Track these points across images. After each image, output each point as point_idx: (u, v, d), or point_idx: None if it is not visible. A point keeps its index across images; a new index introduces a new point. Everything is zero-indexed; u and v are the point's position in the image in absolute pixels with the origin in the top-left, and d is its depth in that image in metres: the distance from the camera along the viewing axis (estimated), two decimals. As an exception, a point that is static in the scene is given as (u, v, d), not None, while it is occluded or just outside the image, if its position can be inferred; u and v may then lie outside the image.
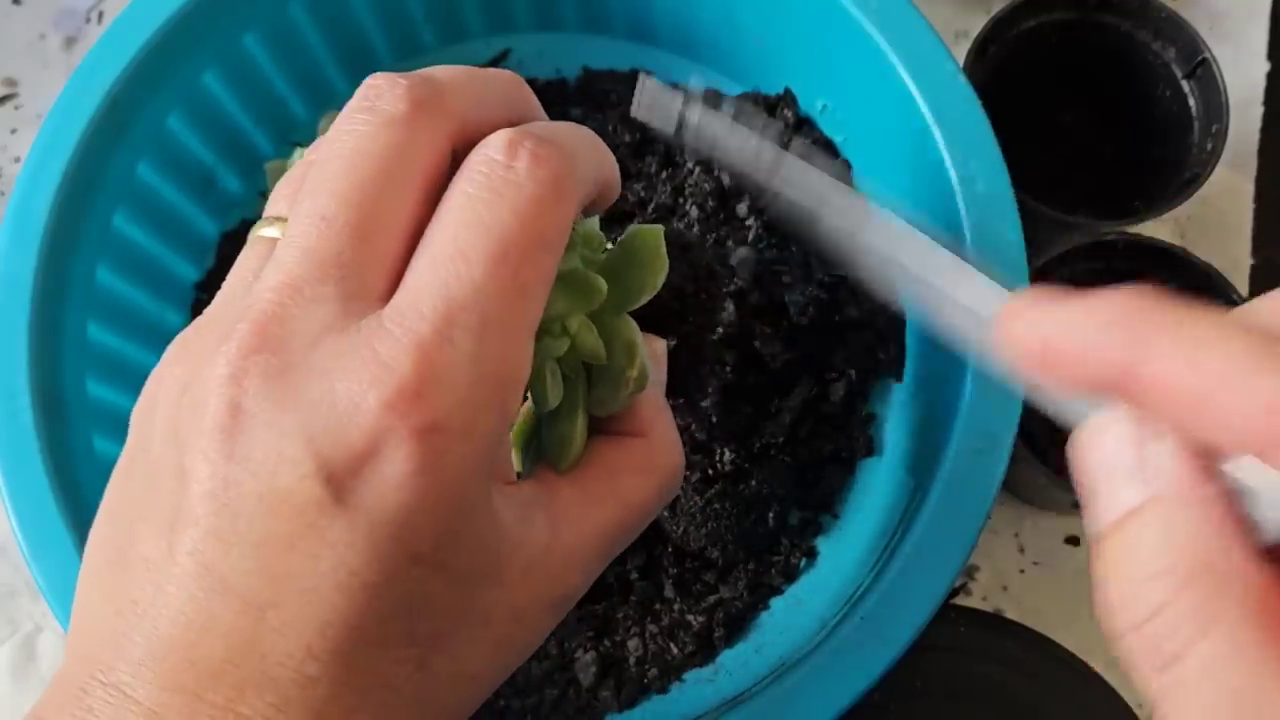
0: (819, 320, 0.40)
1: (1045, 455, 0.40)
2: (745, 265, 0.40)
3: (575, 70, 0.49)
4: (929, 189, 0.38)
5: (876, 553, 0.37)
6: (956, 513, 0.34)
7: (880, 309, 0.42)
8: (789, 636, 0.39)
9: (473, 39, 0.49)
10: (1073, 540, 0.46)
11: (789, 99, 0.45)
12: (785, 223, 0.27)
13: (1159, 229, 0.49)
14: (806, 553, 0.41)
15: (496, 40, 0.49)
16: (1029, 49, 0.46)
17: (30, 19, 0.56)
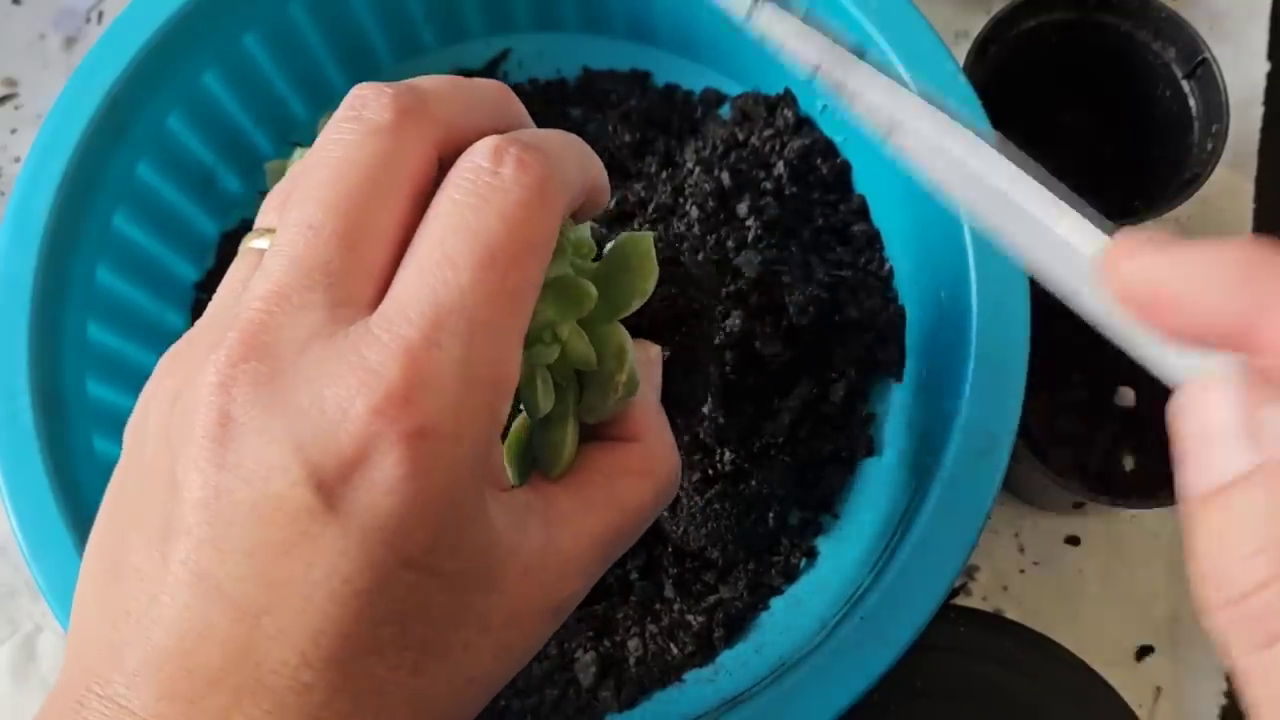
0: (819, 320, 0.40)
1: (1045, 455, 0.40)
2: (748, 266, 0.40)
3: (575, 70, 0.49)
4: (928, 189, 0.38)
5: (876, 553, 0.37)
6: (956, 513, 0.34)
7: (880, 309, 0.42)
8: (789, 636, 0.39)
9: (473, 39, 0.49)
10: (1073, 540, 0.46)
11: (789, 99, 0.45)
12: (865, 124, 0.25)
13: (1159, 229, 0.49)
14: (806, 553, 0.41)
15: (496, 40, 0.49)
16: (1029, 49, 0.46)
17: (30, 19, 0.56)
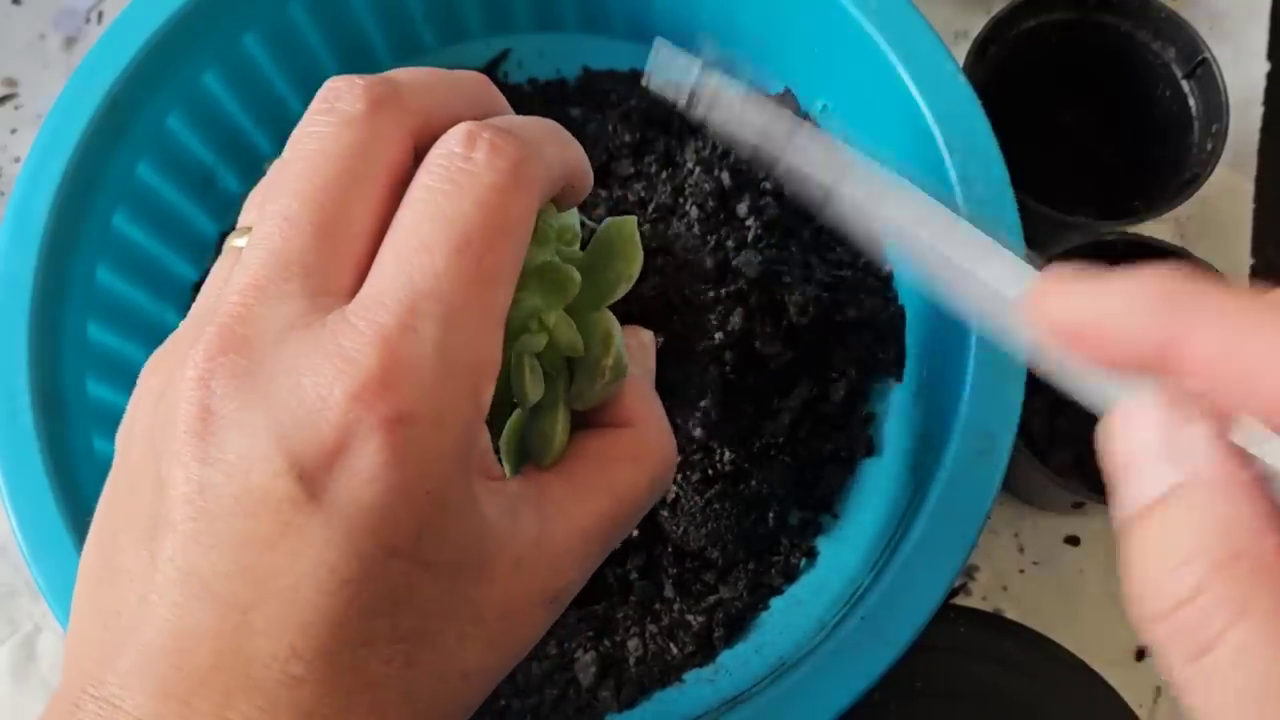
0: (819, 320, 0.40)
1: (1045, 455, 0.40)
2: (748, 266, 0.40)
3: (575, 70, 0.49)
4: (928, 190, 0.38)
5: (876, 553, 0.37)
6: (956, 513, 0.34)
7: (880, 309, 0.42)
8: (789, 636, 0.39)
9: (473, 39, 0.49)
10: (1073, 540, 0.46)
11: (789, 99, 0.45)
12: (798, 198, 0.26)
13: (1159, 229, 0.49)
14: (806, 553, 0.40)
15: (496, 40, 0.49)
16: (1029, 49, 0.46)
17: (30, 19, 0.56)
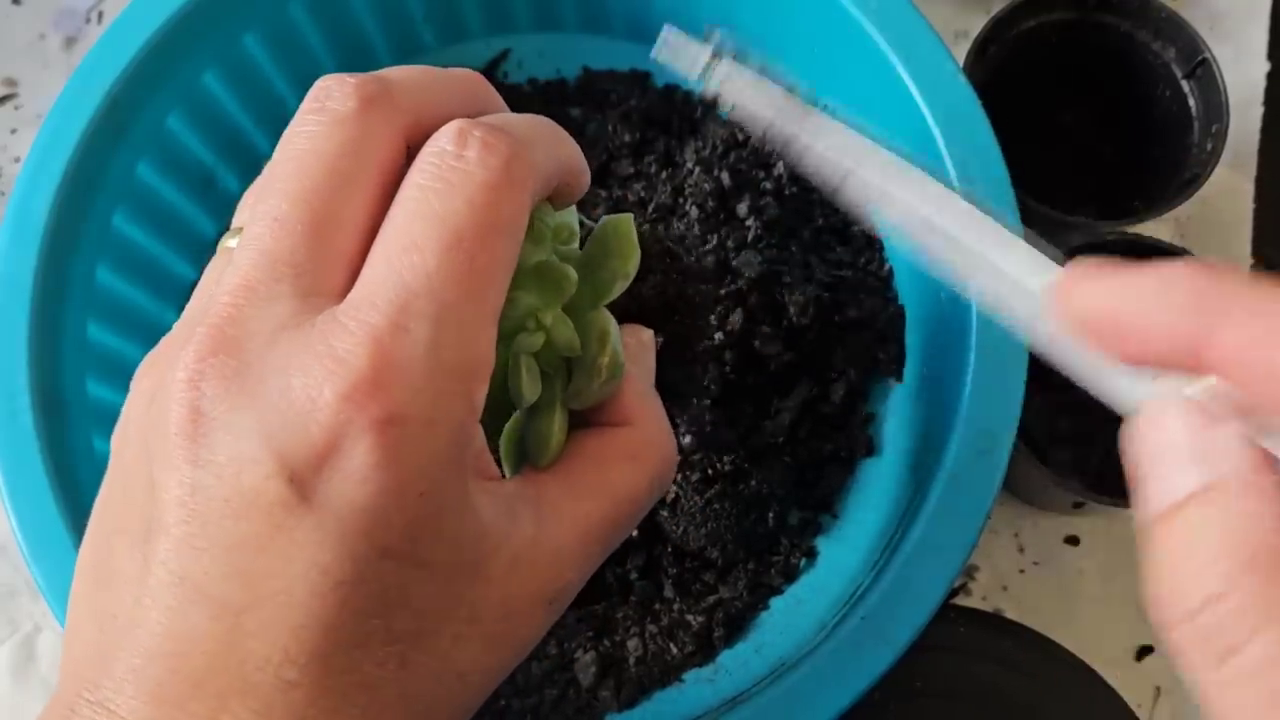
0: (819, 320, 0.40)
1: (1045, 455, 0.40)
2: (748, 267, 0.40)
3: (575, 70, 0.49)
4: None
5: (876, 553, 0.37)
6: (956, 513, 0.34)
7: (880, 309, 0.42)
8: (789, 636, 0.39)
9: (473, 39, 0.49)
10: (1073, 540, 0.46)
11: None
12: (811, 183, 0.26)
13: (1159, 229, 0.49)
14: (806, 553, 0.40)
15: (496, 40, 0.49)
16: (1029, 49, 0.46)
17: (30, 19, 0.56)
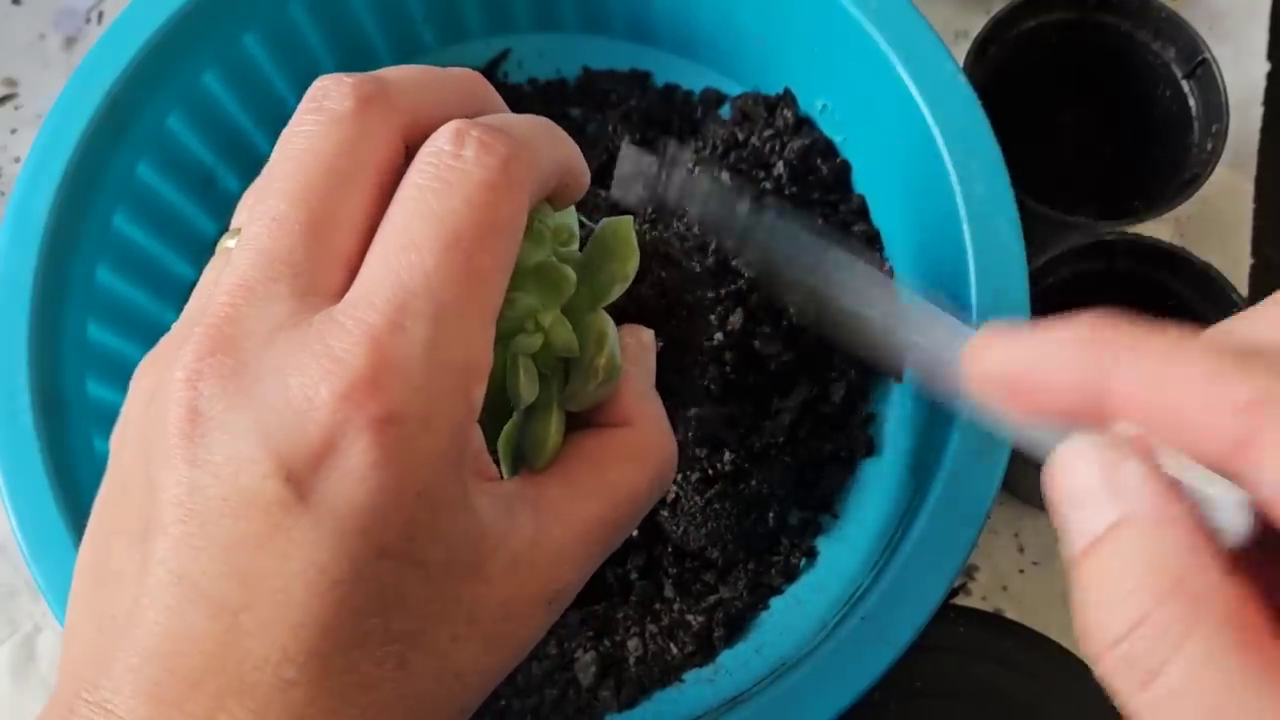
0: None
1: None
2: (748, 267, 0.40)
3: (575, 70, 0.48)
4: (928, 189, 0.38)
5: (876, 553, 0.37)
6: (956, 513, 0.34)
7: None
8: (789, 636, 0.39)
9: (473, 39, 0.49)
10: (1073, 540, 0.46)
11: (789, 99, 0.45)
12: (761, 277, 0.29)
13: (1159, 229, 0.49)
14: (806, 553, 0.41)
15: (496, 40, 0.49)
16: (1029, 49, 0.46)
17: (30, 19, 0.56)
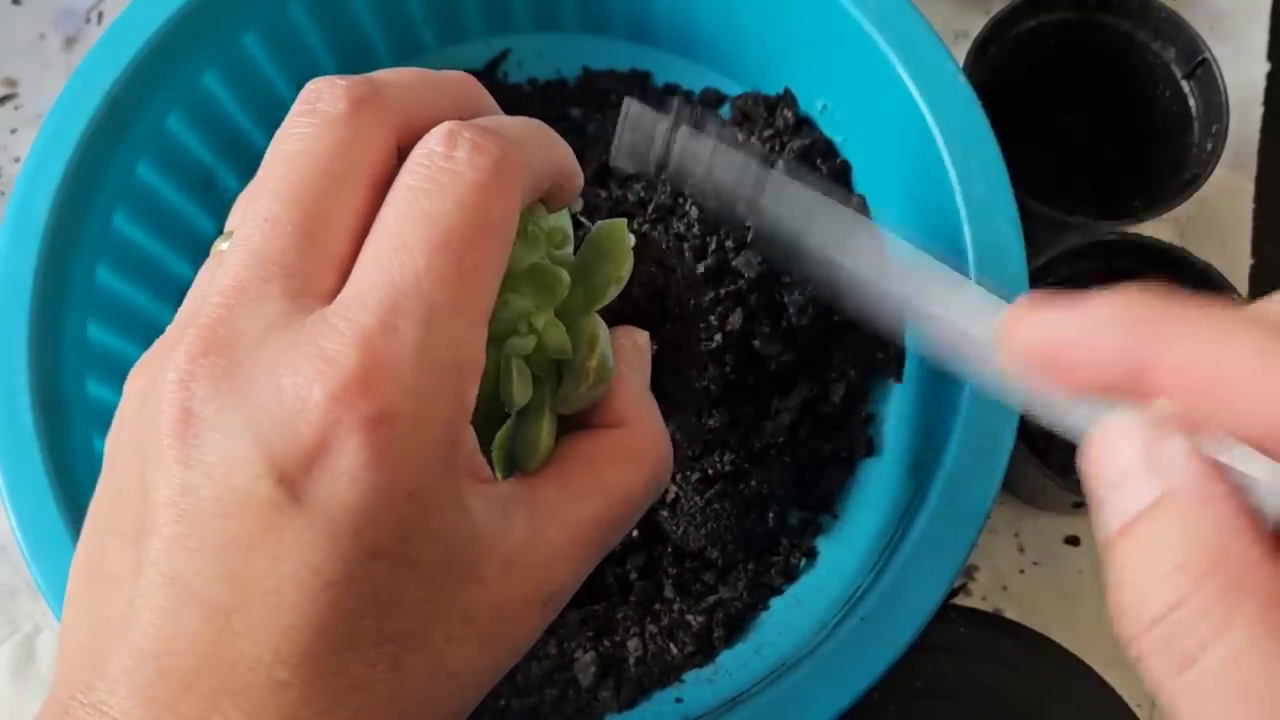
0: (818, 320, 0.40)
1: (1045, 455, 0.40)
2: (748, 267, 0.40)
3: (575, 70, 0.48)
4: (928, 189, 0.38)
5: (876, 553, 0.37)
6: (956, 513, 0.34)
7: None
8: (789, 637, 0.39)
9: (473, 39, 0.49)
10: (1073, 540, 0.46)
11: (789, 99, 0.45)
12: (771, 243, 0.27)
13: (1159, 229, 0.49)
14: (806, 553, 0.40)
15: (496, 40, 0.49)
16: (1029, 49, 0.46)
17: (30, 19, 0.56)
